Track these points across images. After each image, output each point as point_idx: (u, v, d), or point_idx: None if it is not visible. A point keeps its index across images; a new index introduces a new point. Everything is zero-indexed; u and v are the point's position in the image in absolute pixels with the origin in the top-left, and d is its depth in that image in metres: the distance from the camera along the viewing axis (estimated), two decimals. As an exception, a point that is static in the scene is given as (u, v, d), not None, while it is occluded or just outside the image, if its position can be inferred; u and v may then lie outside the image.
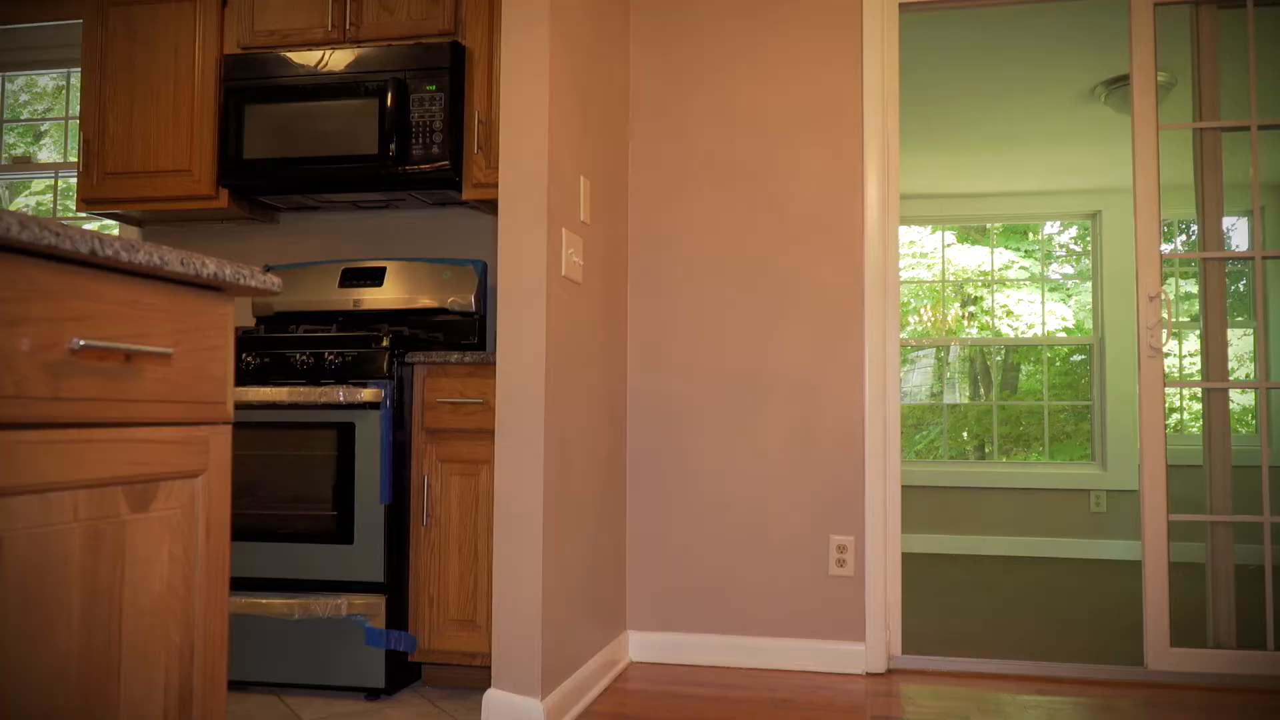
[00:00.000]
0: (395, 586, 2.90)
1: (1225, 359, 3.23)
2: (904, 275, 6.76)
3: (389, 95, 3.17)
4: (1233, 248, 5.81)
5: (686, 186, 3.38)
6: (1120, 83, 4.48)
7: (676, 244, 3.38)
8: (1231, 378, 5.60)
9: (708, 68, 3.39)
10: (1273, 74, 3.75)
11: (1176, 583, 3.15)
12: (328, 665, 2.86)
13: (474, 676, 2.95)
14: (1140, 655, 3.17)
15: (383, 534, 2.84)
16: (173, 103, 3.41)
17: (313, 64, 3.26)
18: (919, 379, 6.78)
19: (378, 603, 2.84)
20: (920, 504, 6.08)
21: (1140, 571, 3.16)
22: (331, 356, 2.93)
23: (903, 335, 6.59)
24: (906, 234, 6.73)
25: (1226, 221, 5.90)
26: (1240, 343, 6.13)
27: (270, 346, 2.99)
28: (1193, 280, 6.13)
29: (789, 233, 3.31)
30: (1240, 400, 6.16)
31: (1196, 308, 5.72)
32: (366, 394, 2.83)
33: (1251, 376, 5.89)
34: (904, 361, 6.71)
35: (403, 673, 2.95)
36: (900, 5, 3.31)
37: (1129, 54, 3.19)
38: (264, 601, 2.82)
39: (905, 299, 6.74)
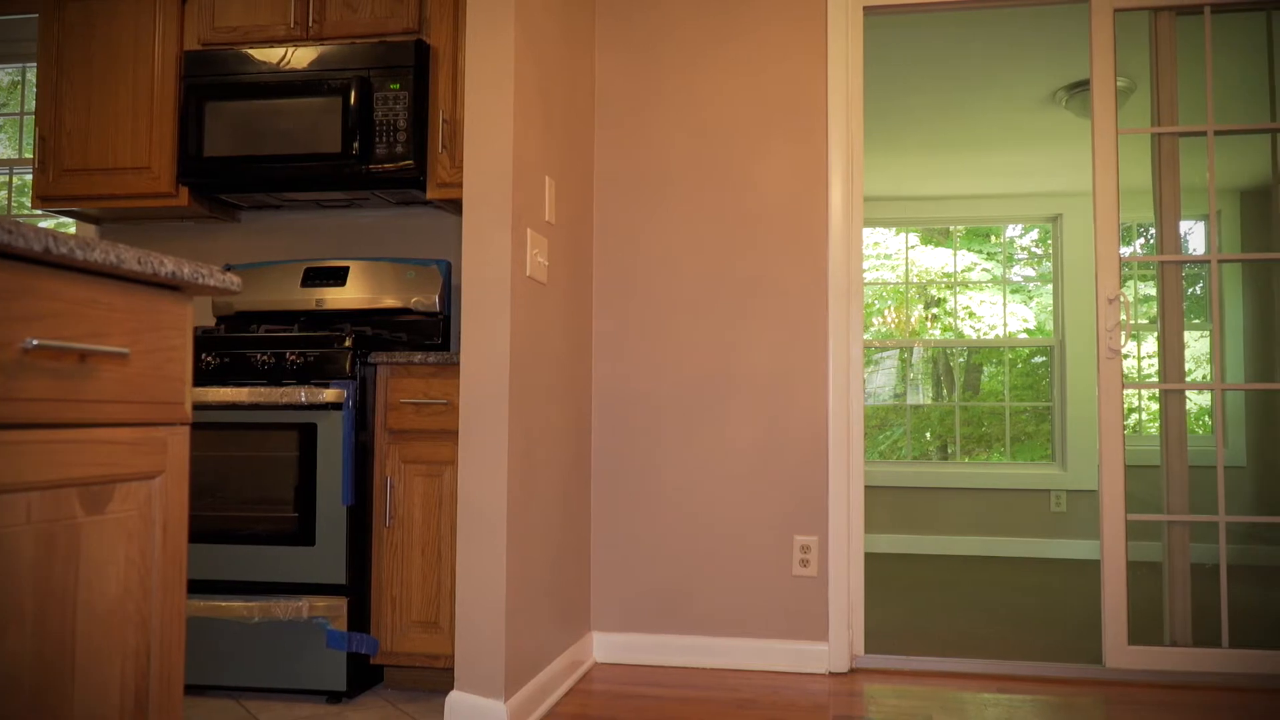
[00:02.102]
0: (357, 588, 2.87)
1: (1182, 361, 3.28)
2: (868, 276, 6.81)
3: (352, 93, 3.15)
4: (1190, 251, 5.91)
5: (652, 187, 3.39)
6: (1081, 87, 4.54)
7: (642, 245, 3.38)
8: (1189, 379, 5.68)
9: (674, 69, 3.39)
10: (1230, 80, 3.82)
11: (1134, 582, 3.19)
12: (288, 668, 2.83)
13: (437, 679, 2.94)
14: (1099, 653, 3.21)
15: (344, 535, 2.82)
16: (132, 99, 3.37)
17: (275, 61, 3.23)
18: (883, 379, 6.84)
19: (339, 605, 2.82)
20: (884, 504, 6.13)
21: (1099, 570, 3.20)
22: (293, 356, 2.90)
23: (867, 336, 6.64)
24: (871, 235, 6.78)
25: (1184, 225, 5.99)
26: (1197, 344, 6.24)
27: (231, 346, 2.95)
28: (1151, 283, 6.22)
29: (754, 234, 3.32)
30: (1198, 401, 6.27)
31: (1155, 310, 5.82)
32: (329, 394, 2.81)
33: (1209, 378, 5.99)
34: (868, 362, 6.76)
35: (364, 675, 2.93)
36: (865, 8, 3.33)
37: (1089, 59, 3.23)
38: (223, 604, 2.79)
39: (869, 300, 6.78)
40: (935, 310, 6.90)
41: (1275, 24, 3.28)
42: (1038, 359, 6.62)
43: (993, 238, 6.83)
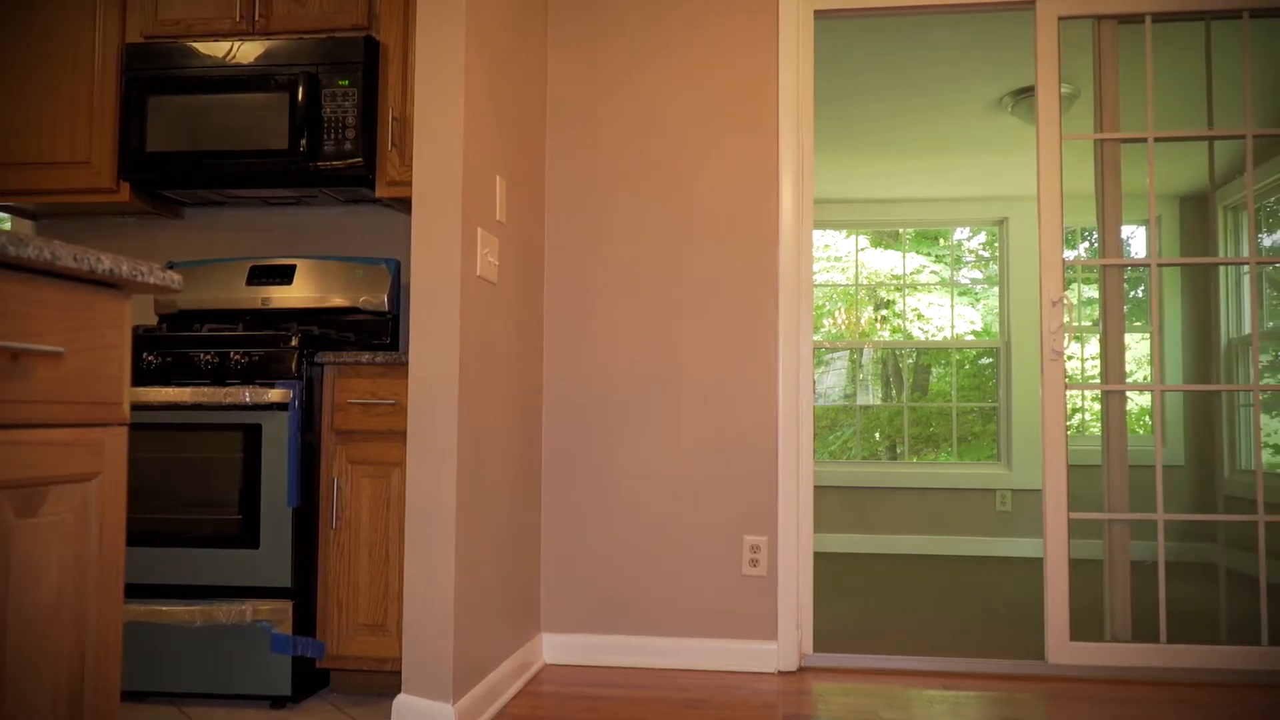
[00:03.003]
0: (303, 591, 2.83)
1: (1123, 362, 3.34)
2: (819, 278, 6.87)
3: (300, 89, 3.10)
4: (1132, 255, 6.03)
5: (604, 188, 3.38)
6: (1026, 93, 4.61)
7: (593, 245, 3.38)
8: (1130, 380, 5.79)
9: (626, 71, 3.39)
10: (1172, 88, 3.90)
11: (1077, 579, 3.25)
12: (231, 674, 2.79)
13: (384, 682, 2.91)
14: (1042, 649, 3.26)
15: (290, 537, 2.78)
16: (71, 92, 3.29)
17: (220, 55, 3.18)
18: (833, 380, 6.89)
19: (284, 608, 2.78)
20: (833, 504, 6.18)
21: (1043, 568, 3.26)
22: (238, 356, 2.86)
23: (817, 337, 6.69)
24: (821, 238, 6.83)
25: (1126, 230, 6.12)
26: (1139, 346, 6.37)
27: (173, 345, 2.90)
28: (1095, 286, 6.34)
29: (705, 235, 3.33)
30: (1139, 401, 6.40)
31: (1098, 312, 5.93)
32: (274, 394, 2.77)
33: (1149, 379, 6.12)
34: (819, 363, 6.82)
35: (310, 680, 2.89)
36: (816, 12, 3.36)
37: (1034, 66, 3.28)
38: (164, 608, 2.74)
39: (820, 302, 6.84)
40: (885, 312, 6.97)
41: (1214, 33, 3.35)
42: (984, 360, 6.72)
43: (941, 240, 6.91)
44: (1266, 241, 5.51)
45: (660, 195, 3.36)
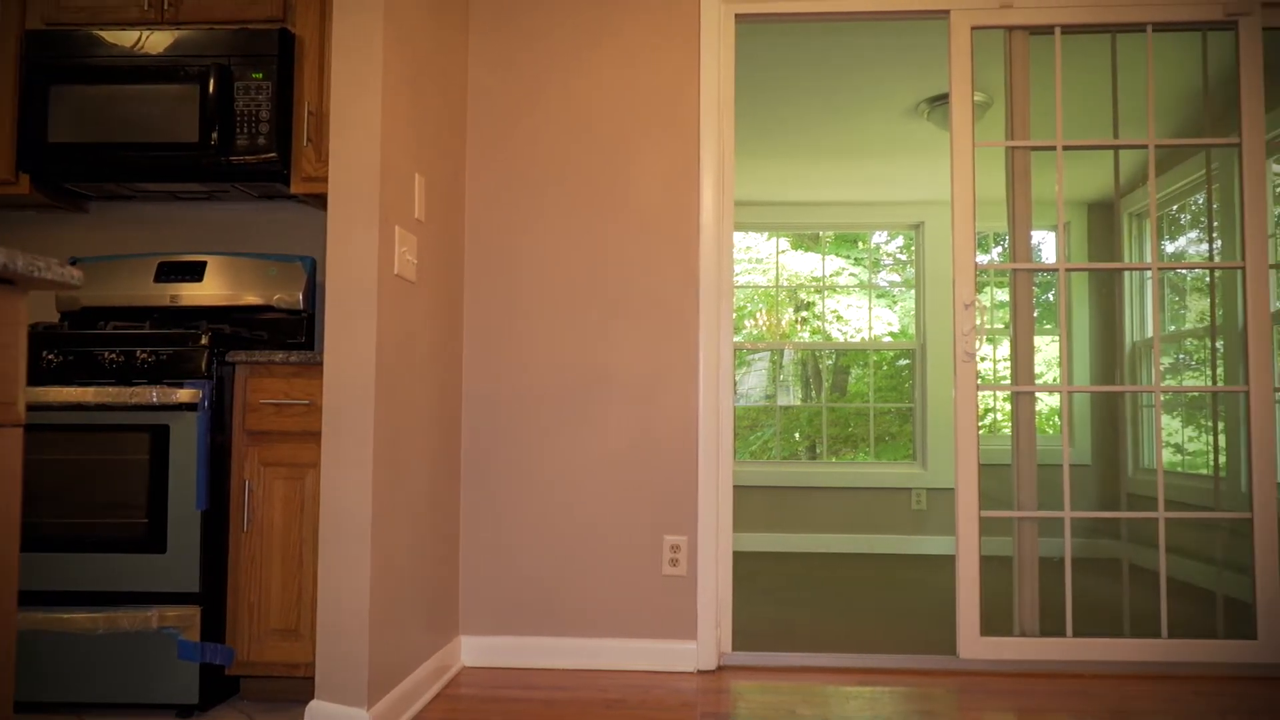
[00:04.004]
0: (212, 597, 2.76)
1: (1032, 364, 3.43)
2: (740, 280, 6.93)
3: (211, 81, 3.02)
4: (1042, 260, 6.20)
5: (525, 187, 3.36)
6: (941, 101, 4.71)
7: (514, 244, 3.35)
8: (1039, 382, 5.95)
9: (549, 69, 3.37)
10: (1080, 98, 4.02)
11: (988, 575, 3.33)
12: (136, 683, 2.70)
13: (297, 688, 2.85)
14: (954, 645, 3.33)
15: (199, 541, 2.70)
16: (-33, 79, 3.15)
17: (128, 45, 3.08)
18: (755, 381, 6.96)
19: (192, 614, 2.70)
20: (754, 503, 6.24)
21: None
22: (144, 355, 2.77)
23: (738, 338, 6.75)
24: (743, 240, 6.89)
25: (1037, 235, 6.29)
26: (1049, 349, 6.55)
27: (74, 344, 2.80)
28: (1007, 289, 6.51)
29: (627, 236, 3.33)
30: (1049, 402, 6.58)
31: (1009, 316, 6.08)
32: (183, 394, 2.69)
33: (1058, 380, 6.30)
34: (741, 364, 6.88)
35: (219, 687, 2.81)
36: (736, 15, 3.38)
37: (949, 74, 3.35)
38: (65, 616, 2.64)
39: (742, 303, 6.90)
40: (805, 313, 7.06)
41: (1120, 46, 3.46)
42: (902, 362, 6.84)
43: (860, 244, 7.03)
44: (1169, 248, 5.71)
45: (583, 196, 3.35)
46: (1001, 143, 3.41)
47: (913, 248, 6.69)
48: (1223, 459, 4.64)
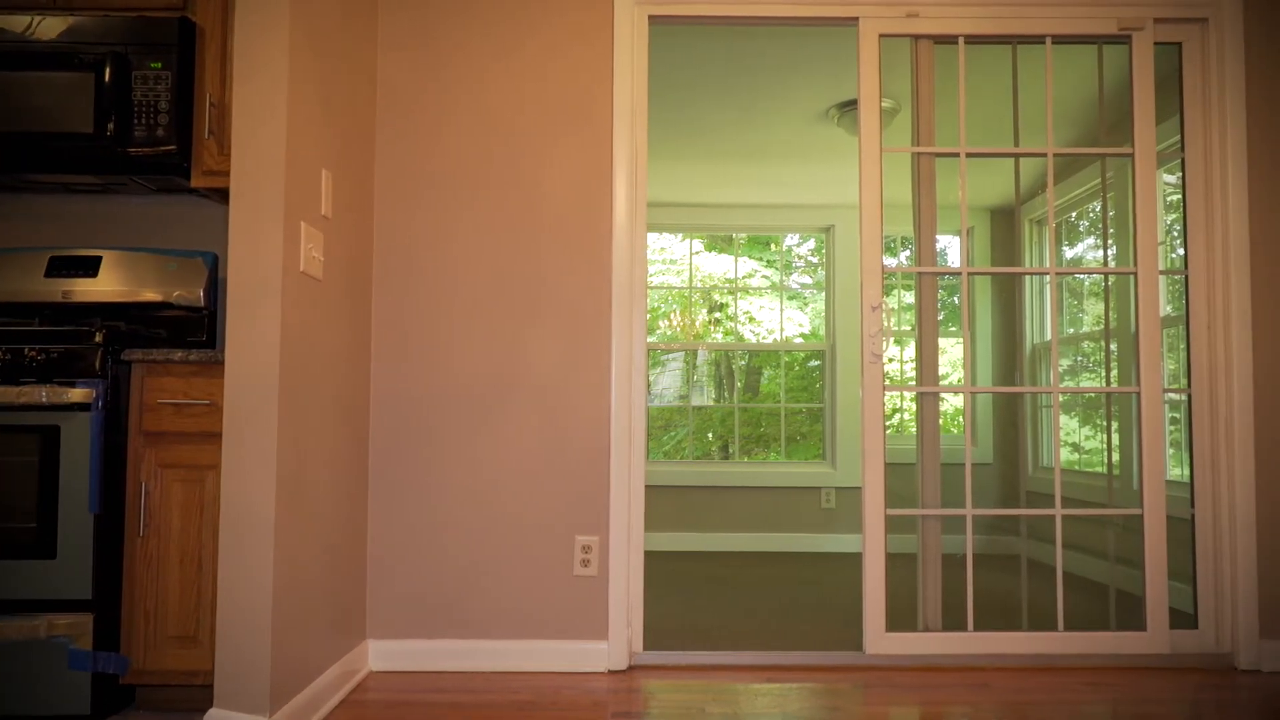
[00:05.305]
0: (105, 603, 2.66)
1: (937, 365, 3.52)
2: (655, 280, 6.95)
3: (107, 70, 2.92)
4: (946, 264, 6.35)
5: (436, 185, 3.32)
6: (850, 106, 4.79)
7: (425, 243, 3.31)
8: (944, 383, 6.09)
9: (462, 66, 3.34)
10: (983, 107, 4.13)
11: (894, 572, 3.40)
12: (24, 694, 2.59)
13: (195, 697, 2.76)
14: (861, 641, 3.39)
15: (91, 546, 2.60)
16: None
17: (19, 30, 2.95)
18: (669, 381, 6.99)
19: (84, 622, 2.60)
20: (667, 503, 6.27)
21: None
22: (33, 353, 2.66)
23: (652, 339, 6.77)
24: (657, 241, 6.92)
25: (942, 239, 6.45)
26: (953, 350, 6.72)
27: (-41, 340, 2.67)
28: (914, 292, 6.65)
29: (540, 236, 3.32)
30: (954, 403, 6.75)
31: (915, 318, 6.22)
32: (75, 394, 2.59)
33: (963, 381, 6.46)
34: (655, 364, 6.90)
35: (113, 697, 2.71)
36: (650, 17, 3.39)
37: (858, 80, 3.41)
38: (-53, 626, 2.52)
39: (655, 304, 6.92)
40: (718, 315, 7.11)
41: (1020, 57, 3.57)
42: (813, 363, 6.94)
43: (772, 246, 7.11)
44: (1068, 253, 5.90)
45: (497, 195, 3.32)
46: (908, 149, 3.49)
47: (823, 250, 6.80)
48: (1116, 457, 4.82)
